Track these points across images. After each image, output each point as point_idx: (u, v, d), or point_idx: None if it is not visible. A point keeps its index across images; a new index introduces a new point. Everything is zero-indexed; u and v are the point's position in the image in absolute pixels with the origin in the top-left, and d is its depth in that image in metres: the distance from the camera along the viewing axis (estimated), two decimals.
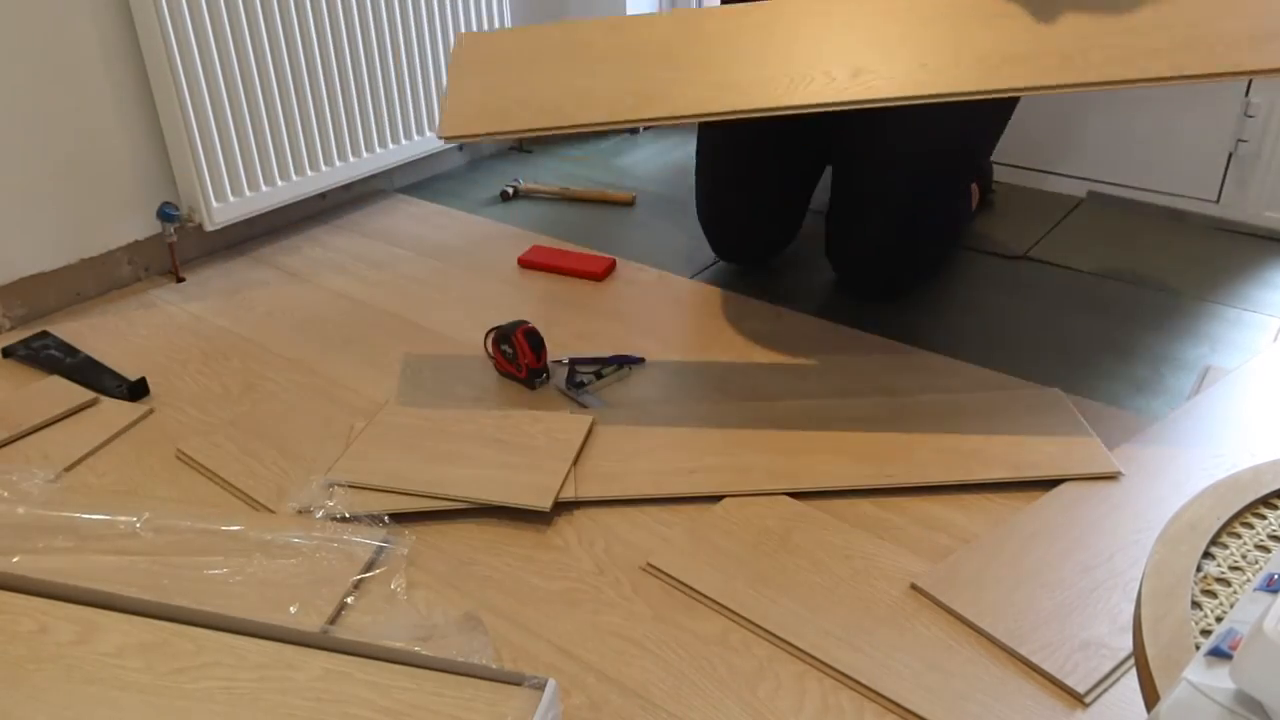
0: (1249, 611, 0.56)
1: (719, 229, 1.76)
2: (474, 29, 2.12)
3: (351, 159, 1.97)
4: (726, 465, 1.24)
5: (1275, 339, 1.52)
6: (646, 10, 2.47)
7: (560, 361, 1.47)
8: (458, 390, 1.45)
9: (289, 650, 0.94)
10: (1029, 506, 1.16)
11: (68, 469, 1.28)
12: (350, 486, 1.21)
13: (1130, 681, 0.92)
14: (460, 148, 2.33)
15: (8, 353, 1.54)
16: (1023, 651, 0.95)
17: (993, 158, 2.12)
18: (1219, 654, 0.54)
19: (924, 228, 1.61)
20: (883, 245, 1.60)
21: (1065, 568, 1.05)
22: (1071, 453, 1.24)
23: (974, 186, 1.87)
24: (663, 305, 1.68)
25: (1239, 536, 0.72)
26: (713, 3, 2.13)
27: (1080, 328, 1.57)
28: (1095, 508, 1.13)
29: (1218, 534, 0.72)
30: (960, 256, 1.82)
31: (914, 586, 1.04)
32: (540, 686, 0.88)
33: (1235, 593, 0.67)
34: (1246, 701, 0.50)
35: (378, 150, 2.01)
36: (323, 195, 2.04)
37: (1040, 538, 1.10)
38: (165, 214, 1.74)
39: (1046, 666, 0.94)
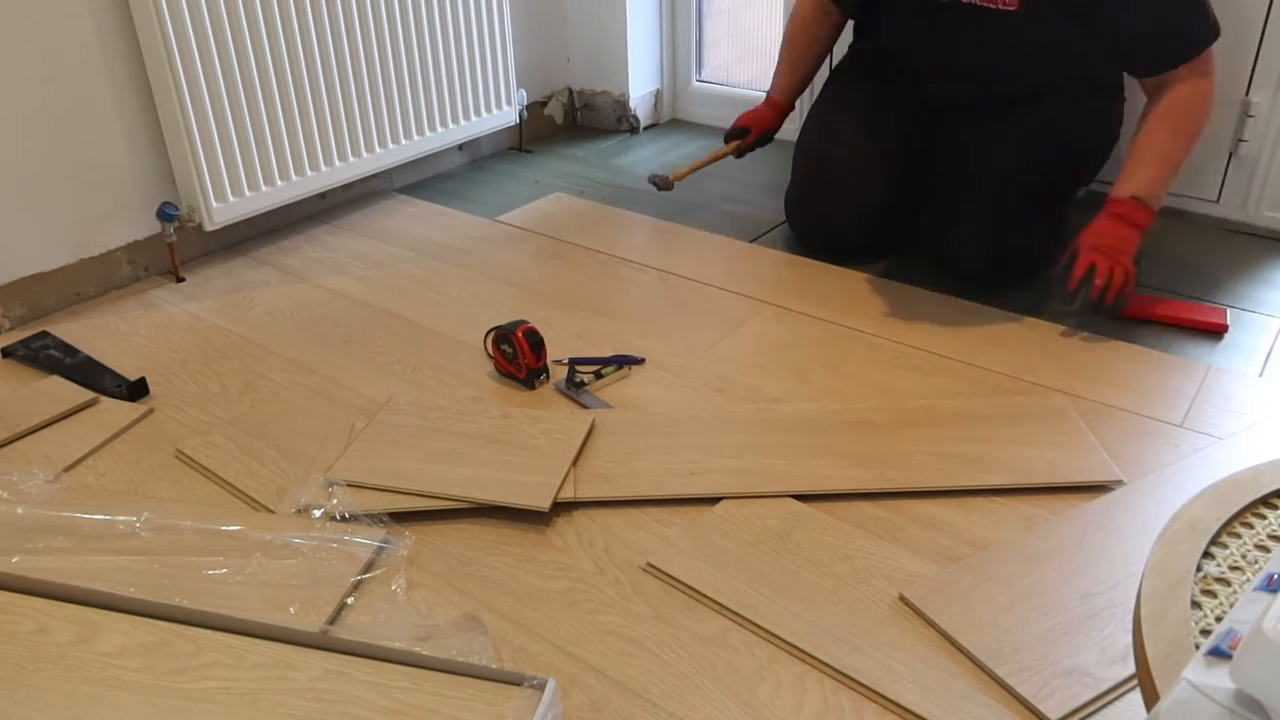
0: (1249, 611, 0.56)
1: (806, 231, 1.87)
2: (474, 29, 2.12)
3: (351, 159, 1.96)
4: (726, 467, 1.24)
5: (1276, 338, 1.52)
6: (646, 8, 2.47)
7: (560, 361, 1.47)
8: (458, 390, 1.45)
9: (289, 650, 0.94)
10: (1036, 526, 1.15)
11: (67, 469, 1.28)
12: (350, 486, 1.21)
13: (1109, 715, 0.91)
14: (460, 148, 2.33)
15: (8, 353, 1.54)
16: (1000, 673, 0.94)
17: None
18: (1219, 654, 0.54)
19: (1025, 236, 1.64)
20: (986, 254, 1.64)
21: (1064, 592, 1.03)
22: (1074, 460, 1.23)
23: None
24: (663, 305, 1.68)
25: (1239, 536, 0.72)
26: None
27: (1080, 329, 1.57)
28: (1109, 534, 1.11)
29: (1218, 534, 0.72)
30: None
31: (902, 598, 1.04)
32: (540, 686, 0.88)
33: (1235, 593, 0.67)
34: (1246, 701, 0.50)
35: (378, 150, 2.01)
36: (323, 195, 2.04)
37: (1044, 559, 1.07)
38: (165, 214, 1.74)
39: (1021, 690, 0.92)
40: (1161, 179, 1.52)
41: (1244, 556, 0.70)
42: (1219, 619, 0.65)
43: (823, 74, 2.01)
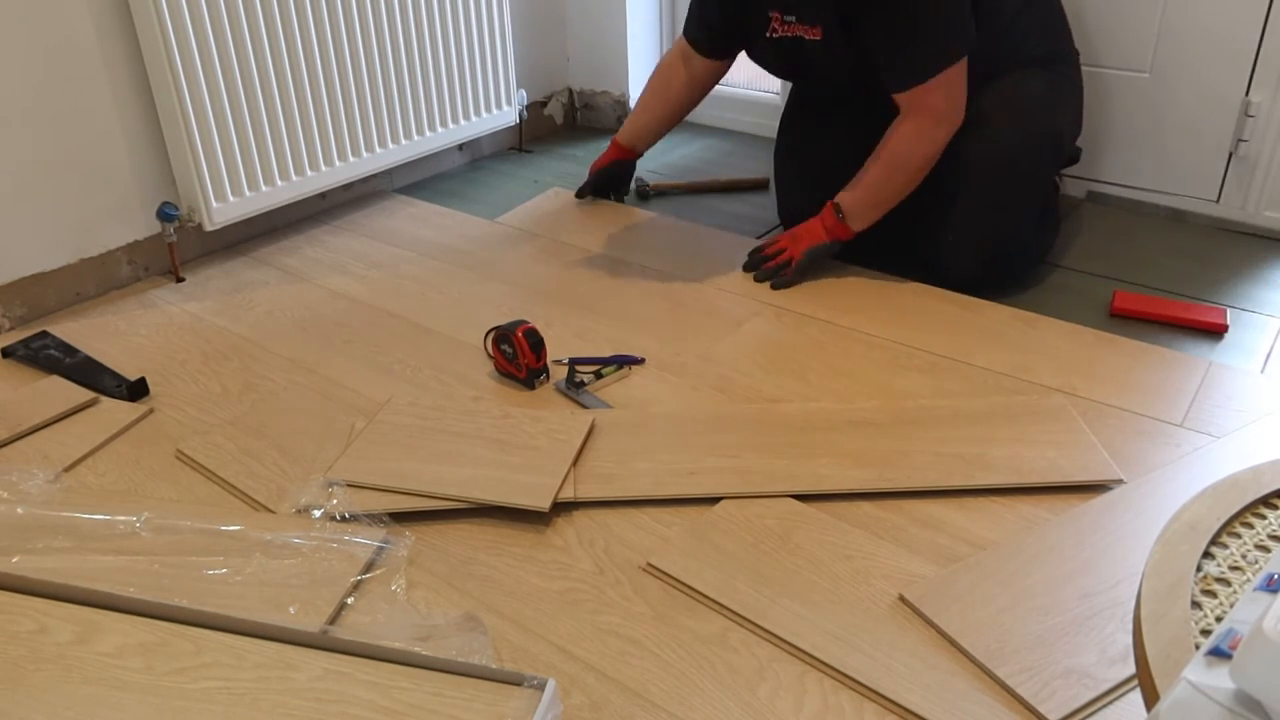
0: (1249, 611, 0.56)
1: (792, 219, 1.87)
2: (474, 29, 2.12)
3: (351, 159, 1.96)
4: (726, 467, 1.24)
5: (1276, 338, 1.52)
6: (646, 8, 2.47)
7: (560, 361, 1.47)
8: (458, 390, 1.45)
9: (289, 650, 0.94)
10: (1036, 527, 1.15)
11: (68, 469, 1.28)
12: (350, 486, 1.21)
13: (1109, 715, 0.91)
14: (460, 148, 2.33)
15: (8, 353, 1.54)
16: (1000, 673, 0.94)
17: None
18: (1219, 654, 0.54)
19: (1005, 234, 1.65)
20: (971, 258, 1.65)
21: (1064, 592, 1.03)
22: (1074, 459, 1.23)
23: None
24: (663, 305, 1.68)
25: (1239, 536, 0.72)
26: None
27: (1080, 329, 1.57)
28: (1109, 534, 1.11)
29: (1218, 534, 0.72)
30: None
31: (902, 598, 1.04)
32: (540, 686, 0.88)
33: (1235, 593, 0.67)
34: (1246, 701, 0.50)
35: (378, 150, 2.01)
36: (323, 195, 2.04)
37: (1044, 559, 1.07)
38: (165, 214, 1.74)
39: (1021, 691, 0.92)
40: (863, 201, 1.65)
41: (1244, 556, 0.70)
42: (1219, 619, 0.65)
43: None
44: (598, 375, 1.46)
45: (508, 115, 2.28)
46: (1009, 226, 1.64)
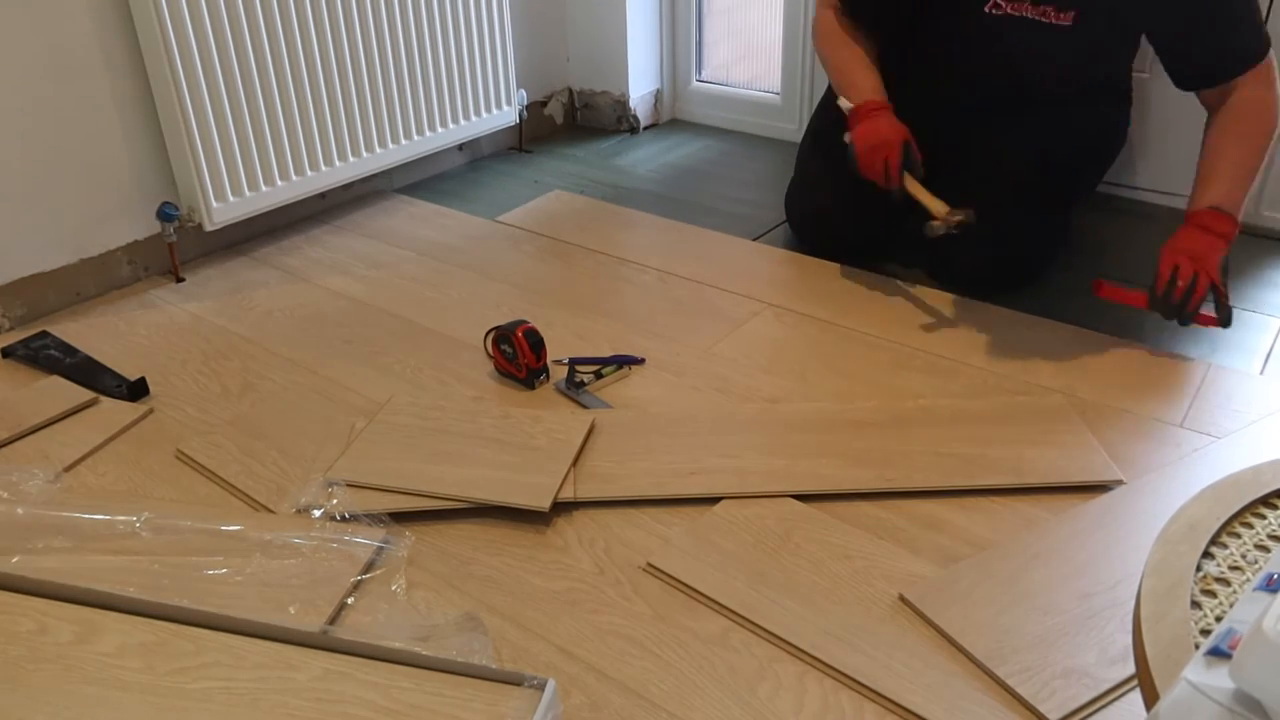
0: (1249, 611, 0.56)
1: (804, 228, 1.86)
2: (474, 29, 2.12)
3: (351, 159, 1.96)
4: (726, 467, 1.24)
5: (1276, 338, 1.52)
6: (646, 8, 2.47)
7: (560, 361, 1.47)
8: (458, 390, 1.45)
9: (289, 650, 0.94)
10: (1036, 527, 1.15)
11: (68, 469, 1.28)
12: (350, 486, 1.21)
13: (1109, 715, 0.91)
14: (460, 148, 2.33)
15: (8, 353, 1.54)
16: (1000, 673, 0.94)
17: None
18: (1218, 654, 0.54)
19: (1029, 239, 1.64)
20: (988, 254, 1.63)
21: (1063, 592, 1.03)
22: (1074, 460, 1.23)
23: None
24: (663, 305, 1.68)
25: (1239, 536, 0.72)
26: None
27: (1080, 329, 1.57)
28: (1109, 533, 1.11)
29: (1218, 534, 0.72)
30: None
31: (902, 598, 1.04)
32: (540, 686, 0.88)
33: (1235, 593, 0.67)
34: (1246, 701, 0.50)
35: (378, 150, 2.01)
36: (323, 195, 2.04)
37: (1043, 559, 1.07)
38: (165, 214, 1.74)
39: (1021, 690, 0.92)
40: (1237, 188, 1.47)
41: (1244, 556, 0.70)
42: (1219, 619, 0.65)
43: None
44: (598, 375, 1.46)
45: (508, 115, 2.28)
46: (1027, 236, 1.63)
